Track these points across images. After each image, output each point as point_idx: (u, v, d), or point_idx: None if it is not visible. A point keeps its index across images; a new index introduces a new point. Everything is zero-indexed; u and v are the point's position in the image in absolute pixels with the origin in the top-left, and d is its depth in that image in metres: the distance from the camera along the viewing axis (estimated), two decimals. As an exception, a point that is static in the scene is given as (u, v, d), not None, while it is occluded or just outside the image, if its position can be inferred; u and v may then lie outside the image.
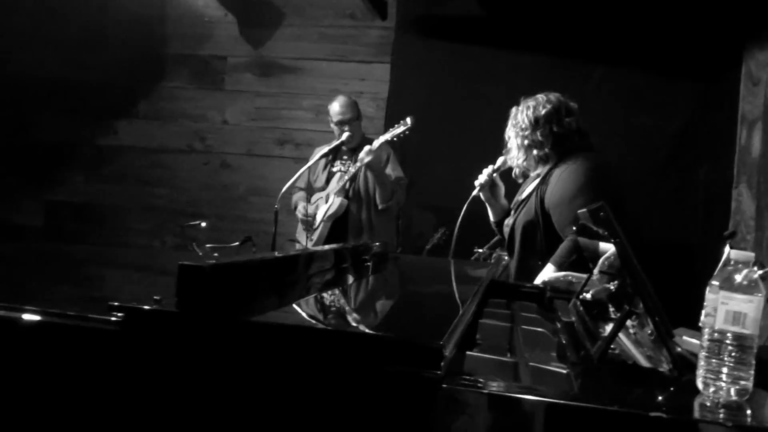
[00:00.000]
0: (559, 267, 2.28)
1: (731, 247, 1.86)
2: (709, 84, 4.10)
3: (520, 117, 2.51)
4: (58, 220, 4.99)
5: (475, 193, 2.63)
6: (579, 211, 1.71)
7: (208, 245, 3.75)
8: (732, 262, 0.97)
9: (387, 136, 3.39)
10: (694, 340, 1.40)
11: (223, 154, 4.86)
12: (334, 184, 3.67)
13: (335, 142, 3.61)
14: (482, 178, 2.61)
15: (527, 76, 4.34)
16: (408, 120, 3.36)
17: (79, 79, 4.83)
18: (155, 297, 0.97)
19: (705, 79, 4.09)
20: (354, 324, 1.12)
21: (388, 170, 3.61)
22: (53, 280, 1.39)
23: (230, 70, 4.84)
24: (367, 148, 3.40)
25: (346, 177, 3.58)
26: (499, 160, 2.60)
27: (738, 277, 0.95)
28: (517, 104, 2.59)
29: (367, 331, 0.97)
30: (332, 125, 3.78)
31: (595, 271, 1.91)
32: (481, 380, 0.91)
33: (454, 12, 4.46)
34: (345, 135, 3.55)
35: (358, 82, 4.65)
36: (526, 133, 2.46)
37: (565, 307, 1.90)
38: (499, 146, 4.43)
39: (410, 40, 4.53)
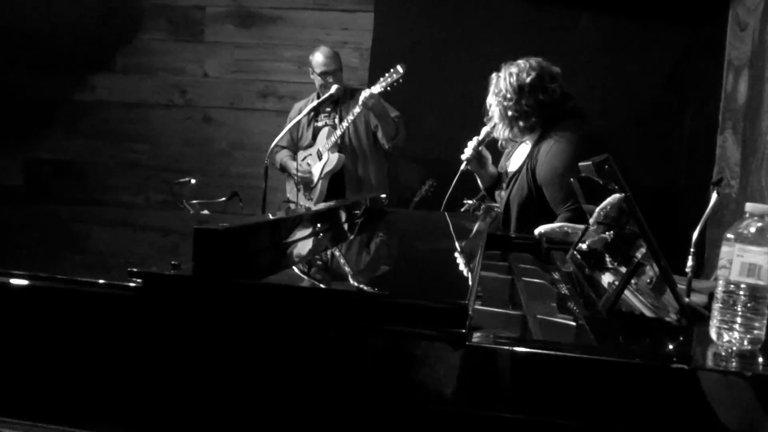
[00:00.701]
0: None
1: (717, 194, 1.88)
2: (695, 29, 4.08)
3: (503, 85, 2.41)
4: (39, 178, 4.89)
5: (462, 168, 2.60)
6: (581, 164, 1.71)
7: (194, 201, 3.72)
8: (747, 215, 0.98)
9: (380, 86, 3.34)
10: (680, 285, 1.42)
11: (205, 108, 4.77)
12: (323, 140, 3.62)
13: (326, 95, 3.54)
14: (468, 152, 2.57)
15: (513, 23, 4.29)
16: (399, 68, 3.31)
17: (52, 32, 4.67)
18: (173, 262, 0.96)
19: (691, 25, 4.07)
20: (372, 284, 1.12)
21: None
22: (58, 246, 1.37)
23: (209, 21, 4.71)
24: (368, 91, 3.34)
25: (338, 131, 3.53)
26: (483, 131, 2.55)
27: (753, 230, 0.96)
28: (497, 70, 2.49)
29: (392, 294, 0.97)
30: (314, 76, 3.71)
31: (591, 221, 1.94)
32: (502, 337, 0.92)
33: (438, -42, 4.36)
34: (334, 87, 3.48)
35: (341, 32, 4.56)
36: (511, 103, 2.38)
37: (562, 257, 1.93)
38: (484, 93, 4.41)
39: (393, -13, 4.43)
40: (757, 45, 3.44)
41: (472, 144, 2.57)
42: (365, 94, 3.33)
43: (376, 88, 3.33)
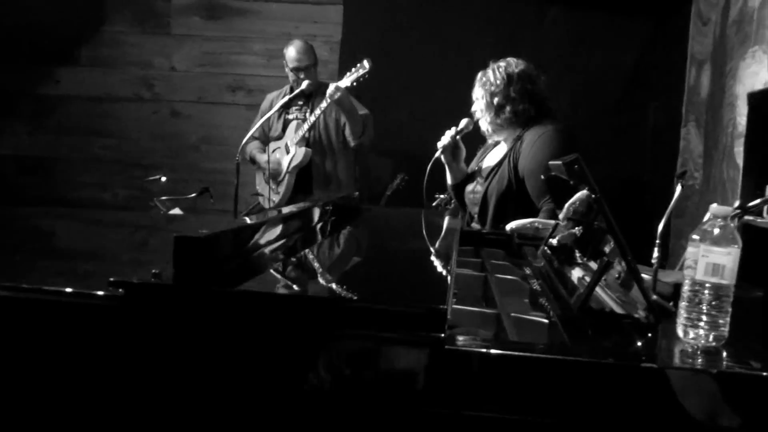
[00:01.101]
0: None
1: (682, 186, 1.94)
2: (659, 23, 4.16)
3: (491, 75, 2.48)
4: (2, 174, 4.78)
5: (437, 155, 2.59)
6: (551, 162, 1.74)
7: (163, 197, 3.68)
8: (711, 216, 1.02)
9: (347, 81, 3.33)
10: (646, 276, 1.47)
11: (173, 102, 4.71)
12: (291, 133, 3.61)
13: (296, 91, 3.53)
14: (445, 139, 2.56)
15: (482, 16, 4.33)
16: (366, 62, 3.30)
17: (14, 24, 4.56)
18: (153, 270, 0.97)
19: (655, 19, 4.14)
20: (349, 289, 1.13)
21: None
22: (29, 252, 1.36)
23: (176, 13, 4.64)
24: (334, 85, 3.33)
25: (305, 125, 3.52)
26: (462, 122, 2.56)
27: (717, 231, 1.00)
28: (484, 68, 2.55)
29: (369, 298, 0.99)
30: (287, 70, 3.69)
31: (561, 216, 1.98)
32: (478, 339, 0.95)
33: (406, -50, 4.37)
34: (305, 83, 3.47)
35: (311, 25, 4.54)
36: (499, 89, 2.44)
37: (534, 252, 1.97)
38: (454, 87, 4.44)
39: (362, -21, 4.42)
40: (718, 40, 3.53)
41: (449, 133, 2.56)
42: (331, 88, 3.32)
43: (343, 83, 3.32)
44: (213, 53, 4.64)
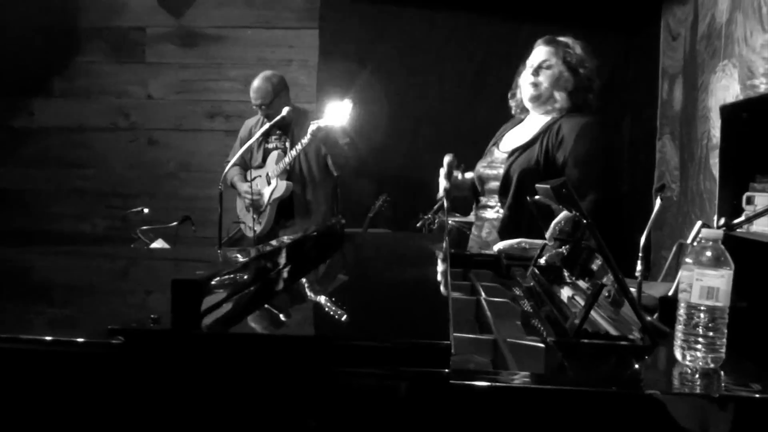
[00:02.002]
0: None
1: (661, 200, 1.97)
2: (629, 38, 4.24)
3: (581, 54, 2.44)
4: (-24, 209, 4.71)
5: (446, 204, 2.51)
6: (538, 186, 1.76)
7: (145, 227, 3.65)
8: (703, 240, 1.04)
9: (327, 121, 3.34)
10: (630, 289, 1.49)
11: (150, 131, 4.69)
12: (273, 163, 3.62)
13: (276, 118, 3.53)
14: (442, 187, 2.47)
15: (456, 37, 4.38)
16: (347, 101, 3.32)
17: (-15, 57, 4.52)
18: (152, 316, 0.96)
19: (625, 34, 4.22)
20: (348, 325, 1.13)
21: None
22: (20, 299, 1.33)
23: (150, 42, 4.63)
24: (315, 124, 3.35)
25: (287, 158, 3.54)
26: (446, 159, 2.47)
27: (709, 254, 1.02)
28: (561, 39, 2.51)
29: (372, 337, 0.99)
30: (253, 107, 3.73)
31: (547, 235, 2.00)
32: (483, 371, 0.95)
33: (380, -27, 4.41)
34: (285, 110, 3.48)
35: (287, 50, 4.56)
36: (587, 72, 2.41)
37: (522, 273, 1.98)
38: (432, 107, 4.46)
39: (337, 3, 4.45)
40: (688, 54, 3.60)
41: (442, 180, 2.47)
42: (313, 126, 3.35)
43: (324, 121, 3.34)
44: (189, 80, 4.63)
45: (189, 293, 0.98)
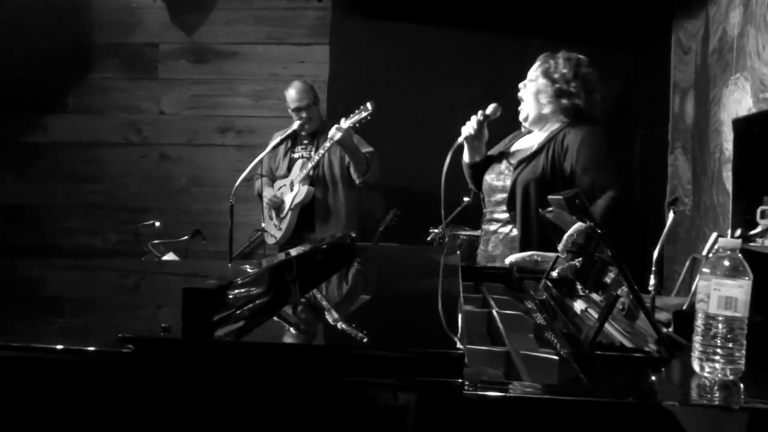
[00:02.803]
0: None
1: (674, 213, 1.95)
2: (640, 53, 4.23)
3: (560, 63, 2.46)
4: (-10, 224, 4.74)
5: (459, 140, 2.53)
6: (550, 197, 1.75)
7: (156, 241, 3.67)
8: (720, 250, 1.02)
9: (348, 122, 3.38)
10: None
11: (162, 146, 4.71)
12: (297, 171, 3.64)
13: (288, 130, 3.55)
14: (470, 126, 2.50)
15: (466, 52, 4.39)
16: (368, 105, 3.36)
17: (1, 73, 4.56)
18: (163, 324, 0.95)
19: (636, 49, 4.22)
20: (360, 335, 1.12)
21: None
22: (32, 310, 1.33)
23: (163, 58, 4.68)
24: (336, 126, 3.38)
25: (310, 164, 3.55)
26: (490, 108, 2.50)
27: (727, 264, 1.01)
28: (550, 53, 2.54)
29: (383, 347, 0.98)
30: (290, 111, 3.73)
31: (560, 249, 1.98)
32: (495, 382, 0.93)
33: (390, -11, 4.44)
34: (296, 123, 3.51)
35: (297, 65, 4.58)
36: (564, 78, 2.43)
37: (535, 286, 1.96)
38: (442, 122, 4.46)
39: (348, 19, 4.48)
40: (699, 68, 3.59)
41: (475, 118, 2.50)
42: (332, 130, 3.37)
43: (345, 124, 3.37)
44: (201, 96, 4.66)
45: (200, 302, 0.98)
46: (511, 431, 0.90)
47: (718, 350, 1.00)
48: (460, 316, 1.17)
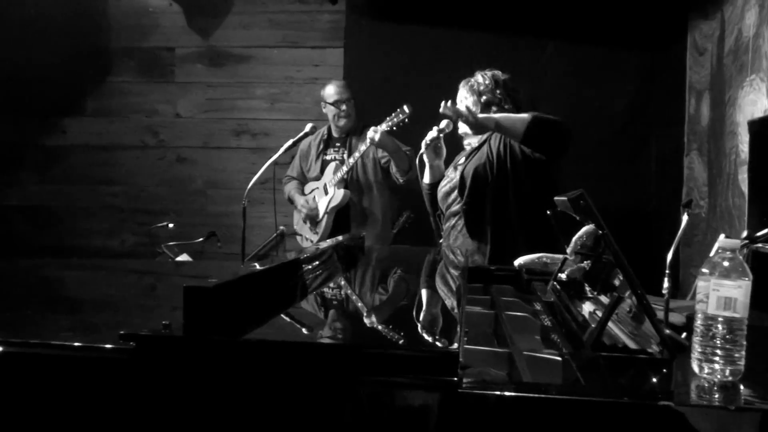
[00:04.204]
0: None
1: (688, 215, 1.93)
2: (655, 54, 4.20)
3: (479, 78, 2.72)
4: (9, 226, 4.82)
5: (422, 151, 2.74)
6: (557, 198, 1.75)
7: (171, 243, 3.70)
8: (720, 250, 1.02)
9: (385, 125, 3.40)
10: (657, 307, 1.46)
11: (178, 148, 4.77)
12: (330, 174, 3.66)
13: (299, 135, 3.57)
14: (430, 135, 2.72)
15: (481, 55, 4.36)
16: (406, 108, 3.38)
17: (20, 77, 4.65)
18: (164, 322, 0.97)
19: (651, 50, 4.19)
20: (357, 334, 1.13)
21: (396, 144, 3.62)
22: (42, 306, 1.36)
23: (179, 62, 4.73)
24: (371, 129, 3.39)
25: (345, 167, 3.57)
26: (443, 122, 2.70)
27: (727, 264, 1.00)
28: (467, 78, 2.78)
29: (380, 345, 0.98)
30: (326, 110, 3.76)
31: (569, 250, 1.97)
32: (494, 380, 0.94)
33: (404, -8, 4.45)
34: (309, 126, 3.52)
35: (312, 68, 4.61)
36: (488, 89, 2.68)
37: (543, 288, 1.96)
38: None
39: (362, 22, 4.50)
40: (715, 69, 3.56)
41: (432, 133, 2.72)
42: (370, 132, 3.38)
43: (382, 127, 3.39)
44: (217, 99, 4.71)
45: (201, 300, 0.99)
46: (508, 430, 0.90)
47: (717, 351, 0.99)
48: (460, 316, 1.17)
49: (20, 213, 4.85)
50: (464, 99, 2.73)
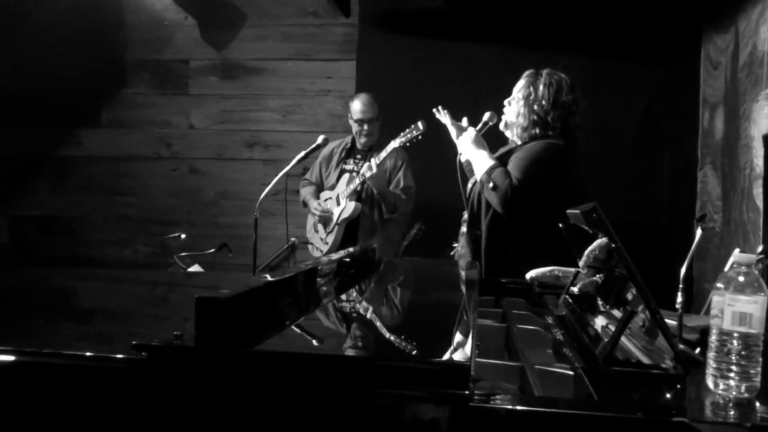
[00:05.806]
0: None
1: (702, 230, 1.92)
2: (669, 68, 4.19)
3: (541, 90, 2.51)
4: (24, 235, 4.87)
5: (460, 157, 2.69)
6: (569, 211, 1.74)
7: (183, 254, 3.72)
8: (735, 265, 1.01)
9: (397, 142, 3.42)
10: (671, 322, 1.45)
11: (191, 160, 4.80)
12: (343, 186, 3.67)
13: (311, 146, 3.58)
14: (461, 125, 2.70)
15: (493, 67, 4.38)
16: (420, 124, 3.39)
17: (38, 89, 4.70)
18: (175, 332, 0.97)
19: (665, 63, 4.18)
20: (369, 347, 1.13)
21: (398, 177, 3.64)
22: (56, 316, 1.37)
23: (193, 74, 4.77)
24: (367, 165, 3.43)
25: (357, 180, 3.59)
26: (486, 116, 2.63)
27: (742, 279, 0.99)
28: (536, 71, 2.59)
29: (392, 357, 0.98)
30: (351, 122, 3.78)
31: (581, 264, 1.96)
32: (505, 395, 0.93)
33: (416, 6, 4.47)
34: (321, 138, 3.54)
35: (325, 81, 4.64)
36: (542, 110, 2.49)
37: (555, 301, 1.95)
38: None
39: (375, 35, 4.52)
40: (729, 83, 3.54)
41: (465, 121, 2.69)
42: (366, 168, 3.42)
43: (396, 143, 3.41)
44: (230, 111, 4.74)
45: (213, 311, 0.99)
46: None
47: (733, 367, 0.98)
48: (472, 329, 1.17)
49: (35, 223, 4.89)
50: (518, 101, 2.56)
